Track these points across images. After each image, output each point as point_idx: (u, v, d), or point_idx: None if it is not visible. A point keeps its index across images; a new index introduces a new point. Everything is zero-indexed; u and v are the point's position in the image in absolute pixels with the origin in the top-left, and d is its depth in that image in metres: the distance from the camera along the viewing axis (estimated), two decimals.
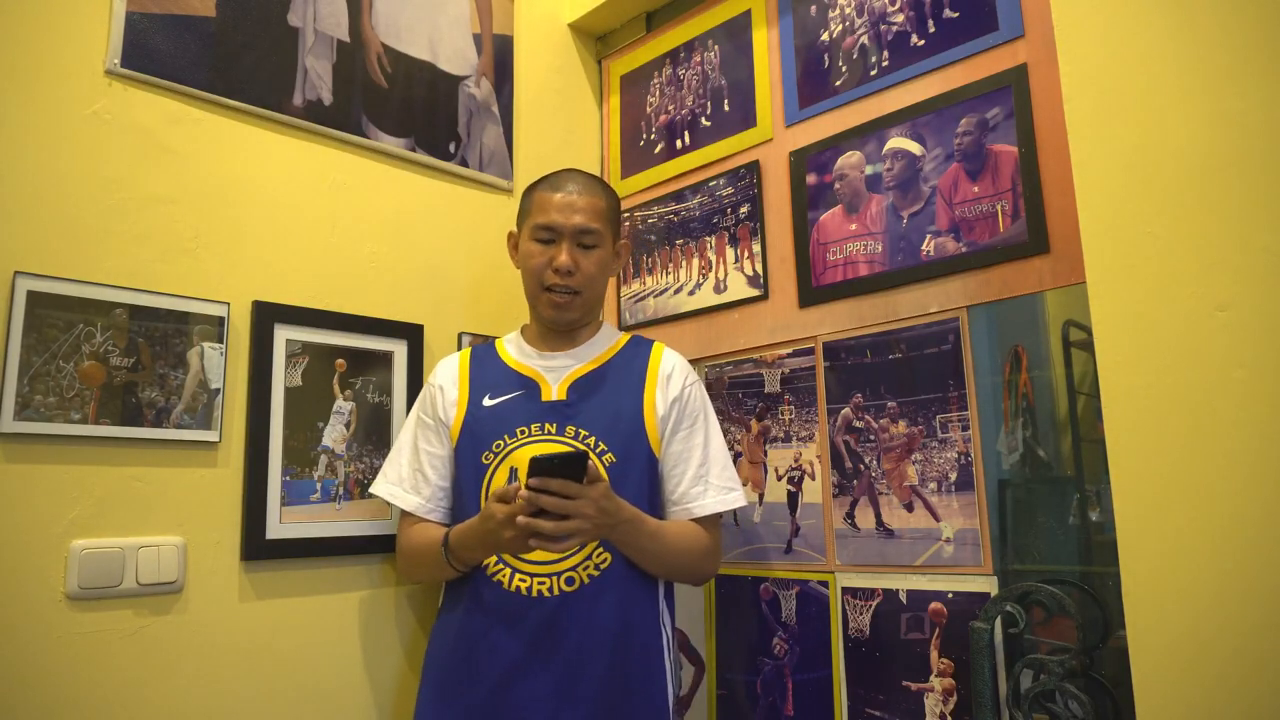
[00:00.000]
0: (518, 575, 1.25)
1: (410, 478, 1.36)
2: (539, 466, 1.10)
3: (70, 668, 1.15)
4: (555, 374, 1.37)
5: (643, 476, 1.31)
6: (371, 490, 1.41)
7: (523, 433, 1.32)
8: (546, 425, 1.32)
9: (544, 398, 1.35)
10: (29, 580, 1.13)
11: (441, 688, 1.27)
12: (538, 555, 1.23)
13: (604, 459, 1.29)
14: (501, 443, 1.32)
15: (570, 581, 1.24)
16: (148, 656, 1.21)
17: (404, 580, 1.49)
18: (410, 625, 1.50)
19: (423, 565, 1.34)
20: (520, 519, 1.10)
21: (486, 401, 1.36)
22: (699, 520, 1.33)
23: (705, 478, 1.34)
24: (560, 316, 1.38)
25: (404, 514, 1.37)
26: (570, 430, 1.31)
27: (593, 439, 1.30)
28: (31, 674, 1.12)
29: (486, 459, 1.32)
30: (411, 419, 1.42)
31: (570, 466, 1.11)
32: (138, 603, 1.21)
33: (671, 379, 1.37)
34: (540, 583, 1.24)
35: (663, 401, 1.35)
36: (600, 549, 1.26)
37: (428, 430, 1.38)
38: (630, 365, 1.39)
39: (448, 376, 1.41)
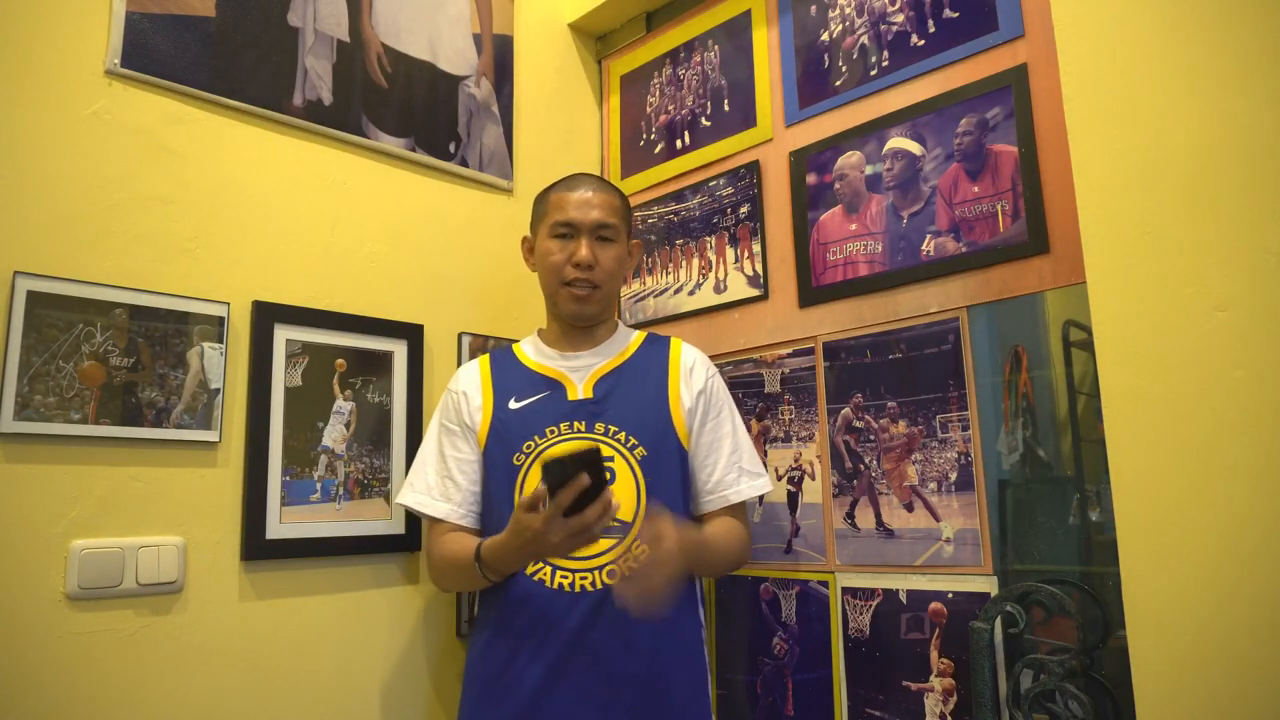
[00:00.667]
0: (559, 573, 1.25)
1: (439, 485, 1.35)
2: (552, 473, 1.06)
3: (70, 668, 1.15)
4: (579, 373, 1.38)
5: (673, 468, 1.33)
6: (398, 501, 1.39)
7: (552, 432, 1.32)
8: (575, 424, 1.33)
9: (570, 397, 1.36)
10: (29, 580, 1.13)
11: (487, 694, 1.26)
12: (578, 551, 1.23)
13: (634, 453, 1.31)
14: (532, 443, 1.32)
15: (612, 574, 1.24)
16: (148, 656, 1.21)
17: (438, 588, 1.47)
18: (410, 625, 1.50)
19: (456, 577, 1.33)
20: (574, 522, 1.07)
21: (512, 404, 1.36)
22: (733, 507, 1.36)
23: (738, 464, 1.37)
24: (581, 310, 1.39)
25: (434, 523, 1.36)
26: (600, 427, 1.32)
27: (623, 434, 1.32)
28: (31, 674, 1.12)
29: (518, 460, 1.32)
30: (434, 428, 1.41)
31: (584, 464, 1.07)
32: (138, 603, 1.21)
33: (694, 372, 1.40)
34: (582, 578, 1.25)
35: (688, 394, 1.37)
36: (638, 541, 1.25)
37: (454, 436, 1.37)
38: (651, 361, 1.41)
39: (470, 382, 1.40)
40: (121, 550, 1.20)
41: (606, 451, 1.29)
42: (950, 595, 1.30)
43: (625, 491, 1.28)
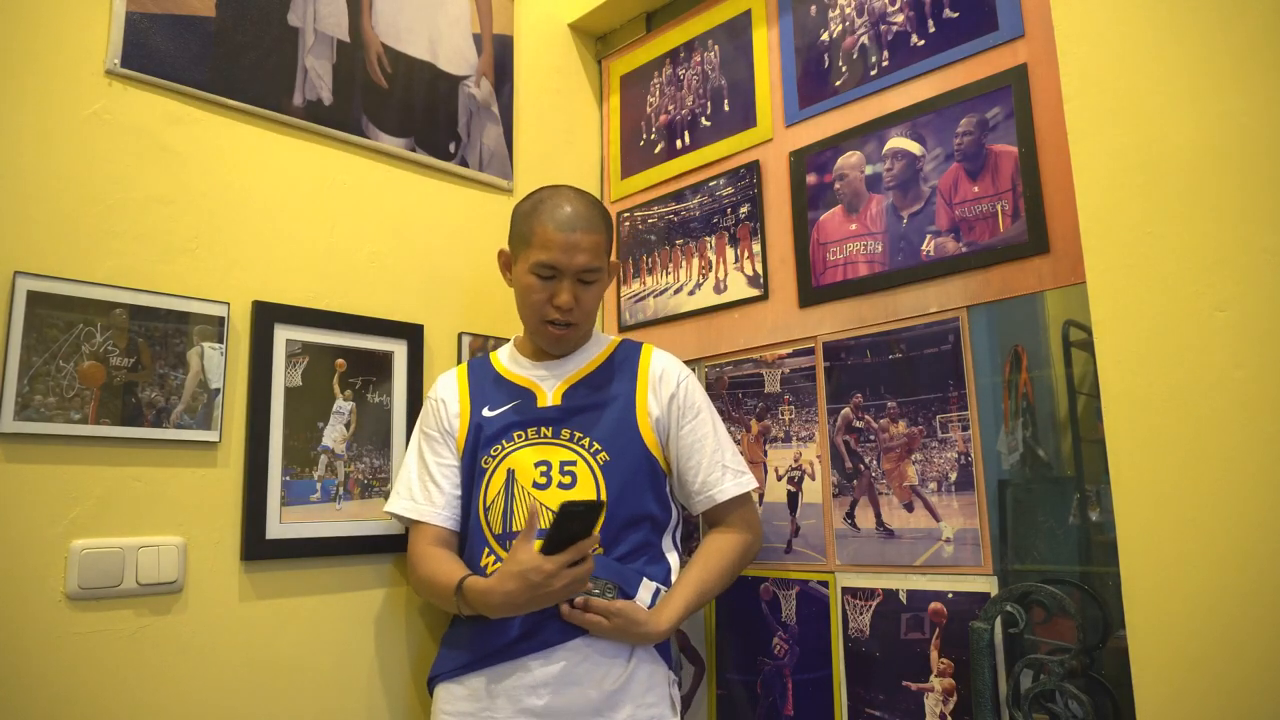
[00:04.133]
0: None
1: (421, 490, 1.38)
2: (570, 517, 1.15)
3: (70, 668, 1.15)
4: (549, 381, 1.41)
5: (637, 472, 1.35)
6: (386, 509, 1.42)
7: (519, 437, 1.35)
8: (542, 429, 1.36)
9: (539, 404, 1.39)
10: (29, 580, 1.13)
11: (475, 631, 1.28)
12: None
13: (597, 458, 1.33)
14: (499, 447, 1.36)
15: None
16: (148, 656, 1.21)
17: (416, 593, 1.48)
18: (410, 625, 1.50)
19: (431, 595, 1.35)
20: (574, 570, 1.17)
21: (486, 412, 1.39)
22: (722, 506, 1.38)
23: (721, 463, 1.39)
24: (559, 347, 1.42)
25: (417, 528, 1.37)
26: (565, 433, 1.35)
27: (587, 439, 1.34)
28: (31, 674, 1.12)
29: (485, 463, 1.36)
30: (415, 436, 1.44)
31: (595, 516, 1.17)
32: (138, 603, 1.21)
33: (664, 378, 1.41)
34: None
35: (656, 401, 1.39)
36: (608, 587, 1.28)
37: (434, 442, 1.40)
38: (622, 367, 1.43)
39: (448, 390, 1.44)
40: (121, 550, 1.20)
41: (570, 456, 1.33)
42: (950, 595, 1.30)
43: (586, 495, 1.31)
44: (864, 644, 1.39)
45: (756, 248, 1.64)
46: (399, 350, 1.55)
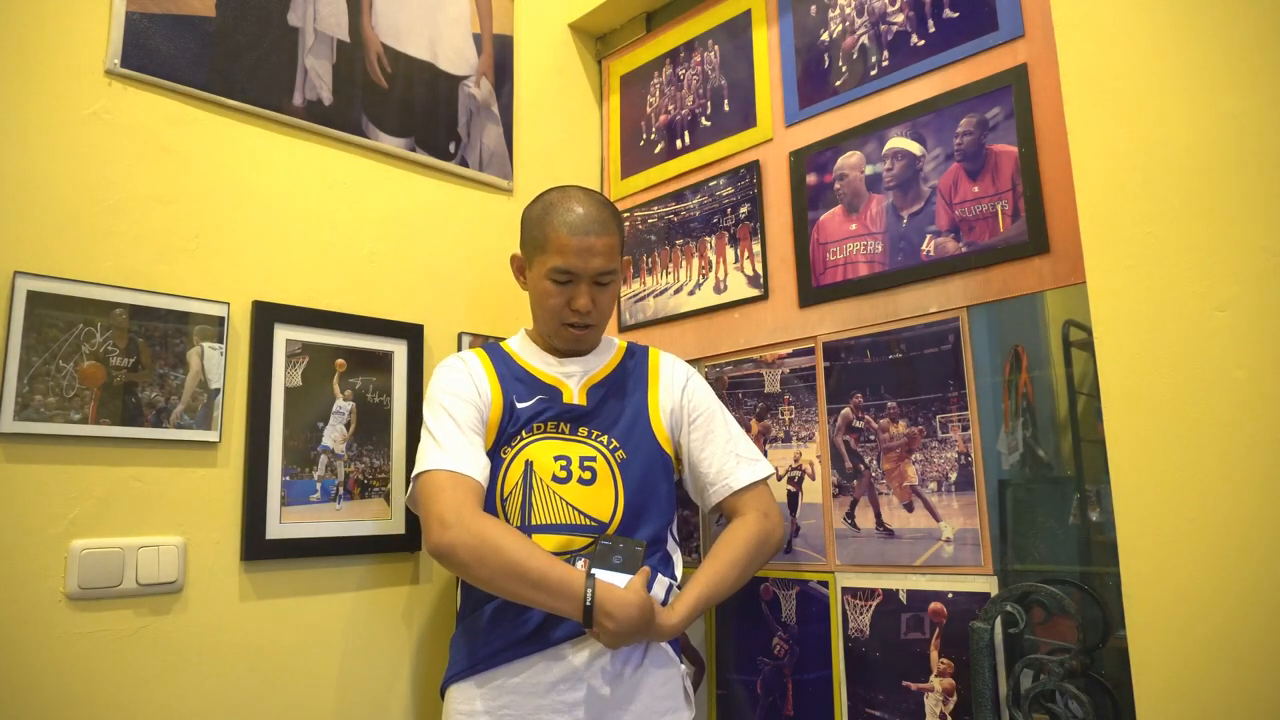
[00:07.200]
0: None
1: (467, 444, 1.28)
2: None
3: (70, 668, 1.15)
4: (574, 380, 1.41)
5: (651, 468, 1.37)
6: (422, 469, 1.26)
7: (539, 429, 1.35)
8: (561, 425, 1.36)
9: (565, 400, 1.39)
10: (29, 580, 1.13)
11: (496, 617, 1.27)
12: (553, 545, 1.27)
13: (615, 455, 1.36)
14: (519, 438, 1.35)
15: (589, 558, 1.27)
16: (148, 656, 1.21)
17: (440, 543, 1.19)
18: (410, 624, 1.50)
19: (517, 572, 1.17)
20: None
21: (518, 405, 1.37)
22: (738, 495, 1.38)
23: (734, 453, 1.41)
24: (578, 347, 1.43)
25: (457, 484, 1.23)
26: (583, 430, 1.36)
27: (605, 437, 1.36)
28: (31, 674, 1.12)
29: (504, 453, 1.33)
30: (437, 403, 1.32)
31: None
32: (138, 603, 1.21)
33: (674, 379, 1.46)
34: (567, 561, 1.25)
35: (669, 395, 1.43)
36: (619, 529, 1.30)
37: (466, 404, 1.31)
38: (634, 370, 1.46)
39: (478, 371, 1.38)
40: (121, 550, 1.20)
41: (590, 452, 1.34)
42: (950, 595, 1.30)
43: (604, 491, 1.32)
44: (864, 644, 1.39)
45: (756, 248, 1.64)
46: (399, 350, 1.55)
